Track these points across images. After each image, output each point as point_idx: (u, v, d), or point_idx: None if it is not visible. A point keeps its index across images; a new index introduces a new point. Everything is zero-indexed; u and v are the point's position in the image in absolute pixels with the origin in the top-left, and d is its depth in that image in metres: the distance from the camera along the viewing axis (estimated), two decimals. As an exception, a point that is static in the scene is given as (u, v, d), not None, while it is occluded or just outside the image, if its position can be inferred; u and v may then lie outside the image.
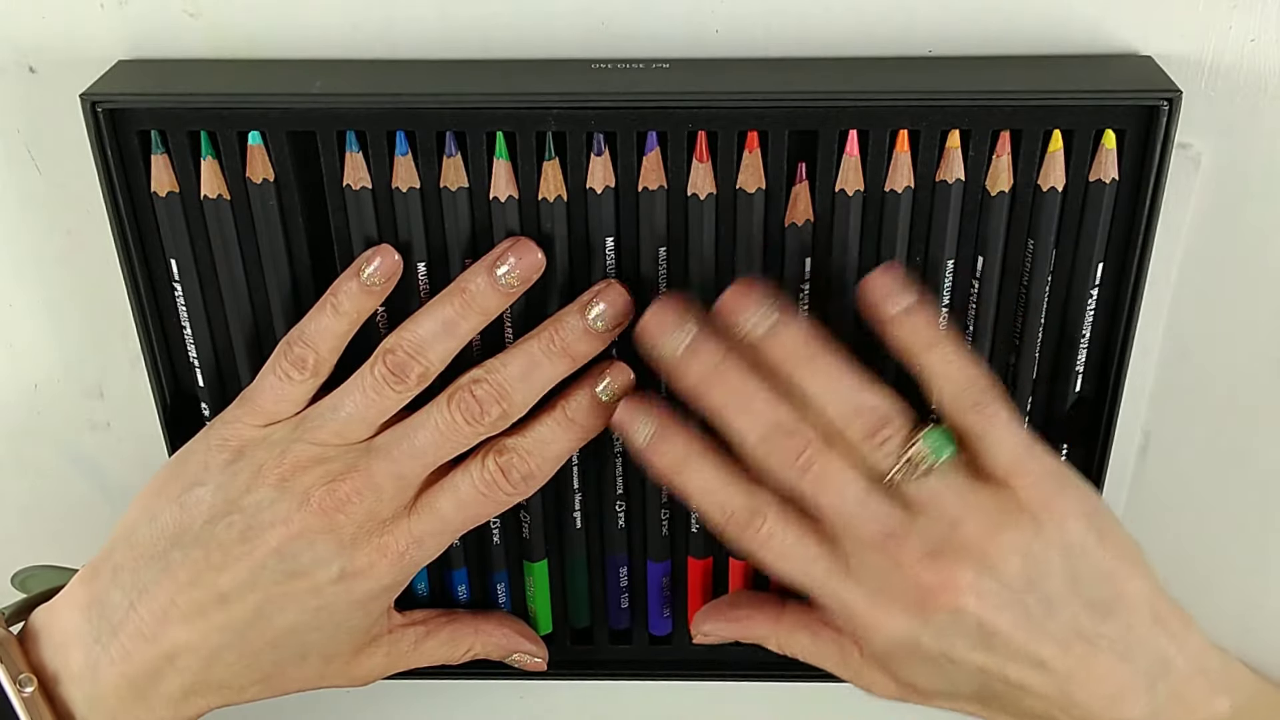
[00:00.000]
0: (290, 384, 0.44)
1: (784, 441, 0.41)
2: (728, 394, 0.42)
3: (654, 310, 0.42)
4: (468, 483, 0.44)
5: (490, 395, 0.43)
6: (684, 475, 0.43)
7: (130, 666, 0.44)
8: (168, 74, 0.44)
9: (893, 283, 0.42)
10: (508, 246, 0.43)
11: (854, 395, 0.41)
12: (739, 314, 0.41)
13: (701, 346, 0.41)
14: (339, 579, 0.44)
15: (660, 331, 0.42)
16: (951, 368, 0.41)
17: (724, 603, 0.51)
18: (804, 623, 0.48)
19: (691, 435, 0.43)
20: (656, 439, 0.43)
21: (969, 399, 0.41)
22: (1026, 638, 0.42)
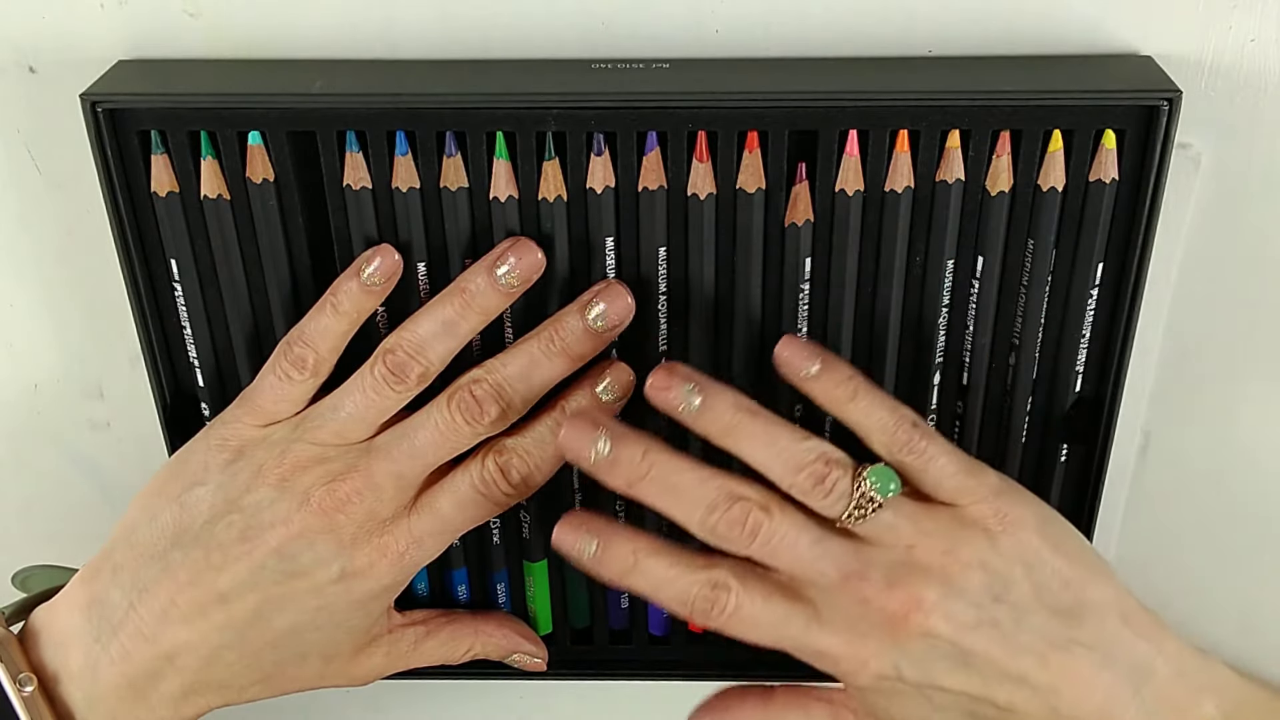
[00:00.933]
0: (290, 384, 0.44)
1: (725, 516, 0.41)
2: (658, 488, 0.42)
3: (568, 430, 0.42)
4: (467, 483, 0.44)
5: (490, 395, 0.43)
6: (636, 578, 0.43)
7: (130, 666, 0.44)
8: (168, 74, 0.44)
9: (798, 350, 0.42)
10: (508, 246, 0.43)
11: (792, 450, 0.42)
12: (664, 401, 0.42)
13: (621, 449, 0.42)
14: (339, 579, 0.44)
15: (579, 443, 0.42)
16: (873, 417, 0.42)
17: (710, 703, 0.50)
18: (794, 701, 0.48)
19: (635, 537, 0.43)
20: (600, 553, 0.43)
21: (898, 442, 0.42)
22: (1003, 653, 0.42)
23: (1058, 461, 0.48)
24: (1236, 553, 0.54)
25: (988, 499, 0.43)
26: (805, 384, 0.42)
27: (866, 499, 0.42)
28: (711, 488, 0.42)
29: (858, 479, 0.42)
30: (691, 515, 0.42)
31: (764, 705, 0.48)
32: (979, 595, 0.42)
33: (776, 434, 0.42)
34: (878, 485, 0.42)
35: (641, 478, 0.42)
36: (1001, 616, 0.42)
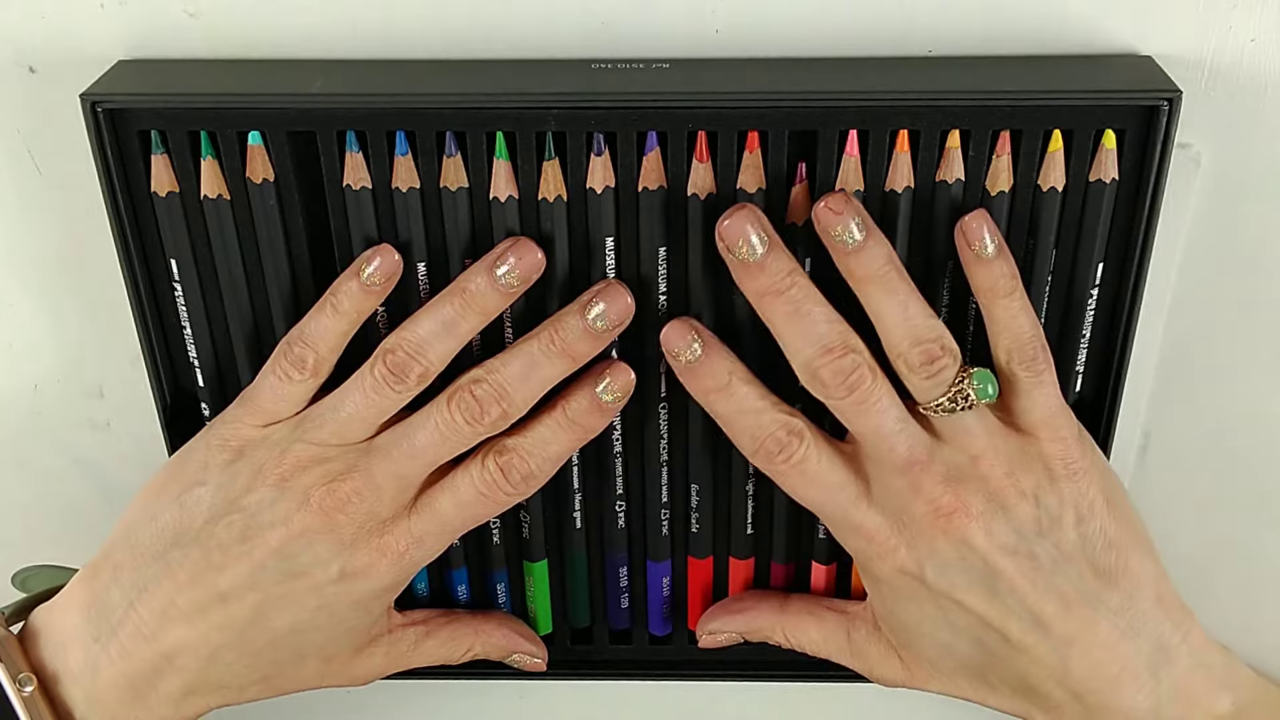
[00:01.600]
0: (290, 384, 0.44)
1: (835, 360, 0.42)
2: (790, 306, 0.42)
3: (733, 216, 0.42)
4: (468, 483, 0.44)
5: (490, 395, 0.43)
6: (723, 397, 0.44)
7: (130, 666, 0.44)
8: (168, 74, 0.44)
9: (985, 225, 0.42)
10: (508, 246, 0.43)
11: (919, 323, 0.42)
12: (830, 224, 0.41)
13: (773, 256, 0.41)
14: (339, 579, 0.44)
15: (737, 236, 0.41)
16: (1017, 321, 0.42)
17: (727, 601, 0.51)
18: (808, 609, 0.49)
19: (735, 359, 0.44)
20: (701, 360, 0.43)
21: (1025, 354, 0.42)
22: (1030, 587, 0.42)
23: (1058, 461, 0.48)
24: (1237, 552, 0.54)
25: (1065, 440, 0.43)
26: (976, 262, 0.42)
27: (962, 395, 0.42)
28: (835, 330, 0.42)
29: (962, 373, 0.42)
30: (806, 347, 0.42)
31: (780, 609, 0.50)
32: (1025, 524, 0.42)
33: (912, 300, 0.42)
34: (978, 386, 0.42)
35: (780, 292, 0.42)
36: (1040, 552, 0.42)
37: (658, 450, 0.48)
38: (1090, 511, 0.43)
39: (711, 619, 0.51)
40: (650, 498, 0.50)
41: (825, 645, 0.49)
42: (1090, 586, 0.43)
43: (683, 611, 0.53)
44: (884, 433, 0.42)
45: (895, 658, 0.47)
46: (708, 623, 0.51)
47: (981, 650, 0.44)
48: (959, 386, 0.42)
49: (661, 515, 0.50)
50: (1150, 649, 0.43)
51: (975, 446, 0.43)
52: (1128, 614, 0.43)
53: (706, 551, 0.51)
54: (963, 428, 0.43)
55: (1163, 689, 0.43)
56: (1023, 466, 0.43)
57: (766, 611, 0.50)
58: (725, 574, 0.52)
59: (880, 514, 0.44)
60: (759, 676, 0.54)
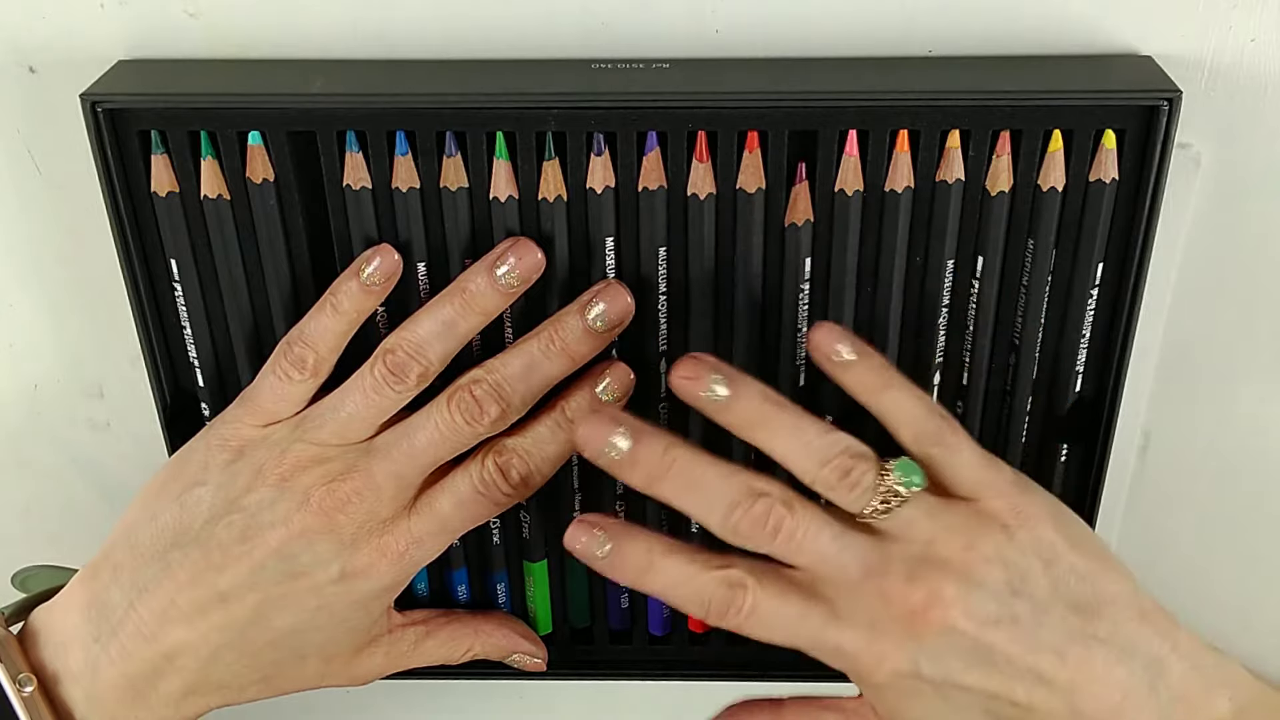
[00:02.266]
0: (290, 384, 0.44)
1: (748, 514, 0.41)
2: (679, 485, 0.41)
3: (587, 426, 0.41)
4: (467, 483, 0.44)
5: (490, 395, 0.43)
6: (652, 578, 0.42)
7: (130, 666, 0.44)
8: (168, 74, 0.44)
9: (834, 336, 0.42)
10: (508, 246, 0.43)
11: (818, 444, 0.41)
12: (692, 391, 0.41)
13: (642, 447, 0.41)
14: (339, 579, 0.44)
15: (596, 441, 0.41)
16: (905, 407, 0.42)
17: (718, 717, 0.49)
18: (806, 712, 0.48)
19: (649, 536, 0.42)
20: (614, 554, 0.42)
21: (929, 435, 0.42)
22: (1022, 650, 0.42)
23: (1058, 461, 0.48)
24: (1236, 552, 0.54)
25: (1005, 494, 0.42)
26: (837, 370, 0.42)
27: (891, 493, 0.41)
28: (734, 484, 0.41)
29: (882, 473, 0.41)
30: (713, 513, 0.41)
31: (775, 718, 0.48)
32: (999, 590, 0.42)
33: (803, 427, 0.41)
34: (903, 479, 0.41)
35: (662, 476, 0.41)
36: (1021, 612, 0.42)
37: (658, 450, 0.48)
38: (1053, 554, 0.42)
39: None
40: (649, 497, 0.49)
41: None
42: (1075, 626, 0.42)
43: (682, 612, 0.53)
44: (827, 558, 0.41)
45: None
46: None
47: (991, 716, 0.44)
48: (886, 486, 0.41)
49: (661, 515, 0.50)
50: (1143, 666, 0.42)
51: (924, 533, 0.42)
52: (1116, 639, 0.42)
53: (706, 551, 0.51)
54: (905, 521, 0.42)
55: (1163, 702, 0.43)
56: (977, 534, 0.42)
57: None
58: (725, 574, 0.52)
59: (854, 629, 0.42)
60: (759, 677, 0.54)
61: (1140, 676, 0.42)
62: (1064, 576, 0.42)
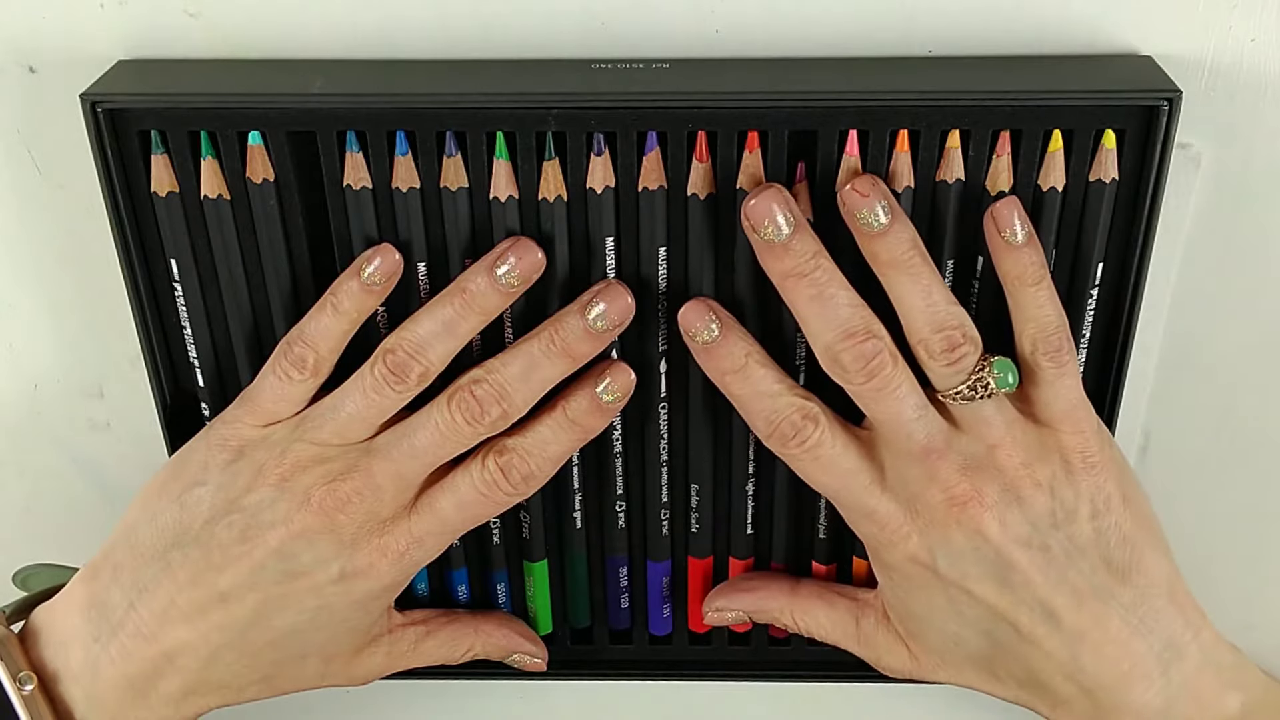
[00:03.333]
0: (290, 384, 0.44)
1: (857, 345, 0.41)
2: (814, 289, 0.42)
3: (760, 196, 0.41)
4: (468, 483, 0.44)
5: (490, 395, 0.43)
6: (739, 379, 0.43)
7: (130, 666, 0.44)
8: (168, 74, 0.44)
9: (1014, 214, 0.42)
10: (508, 246, 0.43)
11: (941, 309, 0.41)
12: (856, 206, 0.41)
13: (799, 238, 0.41)
14: (339, 579, 0.44)
15: (763, 217, 0.41)
16: (1043, 310, 0.42)
17: (736, 580, 0.51)
18: (818, 593, 0.49)
19: (752, 341, 0.44)
20: (719, 341, 0.43)
21: (1050, 345, 0.42)
22: (1043, 579, 0.42)
23: (1058, 461, 0.48)
24: (1237, 552, 0.54)
25: (1084, 434, 0.43)
26: (1004, 249, 0.42)
27: (981, 383, 0.42)
28: (858, 315, 0.42)
29: (982, 361, 0.42)
30: (827, 330, 0.42)
31: (791, 591, 0.49)
32: (1039, 516, 0.42)
33: (935, 287, 0.42)
34: (998, 375, 0.42)
35: (803, 274, 0.41)
36: (1054, 545, 0.42)
37: (658, 450, 0.48)
38: (1106, 506, 0.43)
39: (719, 596, 0.50)
40: (650, 498, 0.50)
41: (833, 631, 0.49)
42: (1103, 581, 0.43)
43: (682, 611, 0.53)
44: (902, 419, 0.42)
45: (903, 647, 0.47)
46: (714, 600, 0.50)
47: (990, 642, 0.44)
48: (979, 375, 0.42)
49: (661, 515, 0.50)
50: (1161, 646, 0.43)
51: (993, 436, 0.43)
52: (1139, 610, 0.43)
53: (706, 551, 0.51)
54: (981, 417, 0.42)
55: (1173, 687, 0.43)
56: (1040, 458, 0.43)
57: (776, 592, 0.49)
58: (725, 574, 0.52)
59: (894, 501, 0.43)
60: (759, 676, 0.54)
61: (1154, 654, 0.43)
62: (1107, 531, 0.43)
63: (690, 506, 0.50)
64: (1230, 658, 0.44)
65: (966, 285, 0.45)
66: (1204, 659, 0.43)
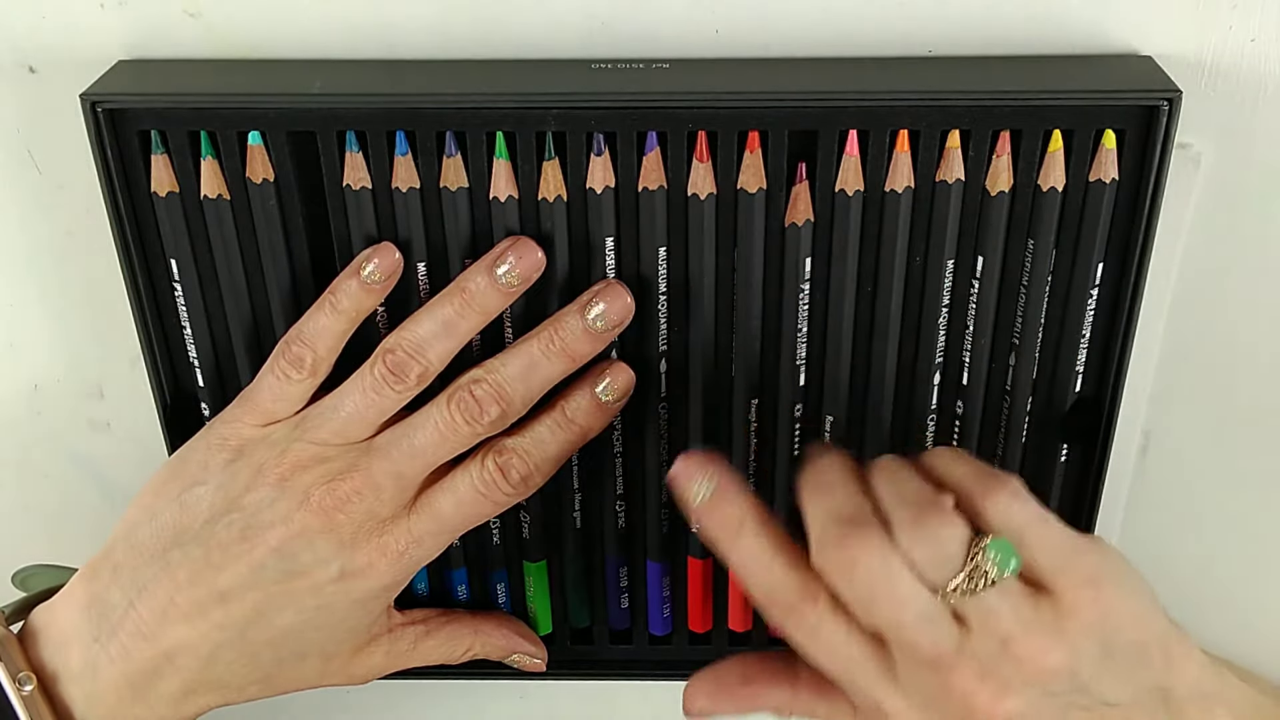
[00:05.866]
0: (289, 383, 0.44)
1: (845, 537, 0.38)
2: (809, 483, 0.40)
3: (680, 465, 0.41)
4: (467, 483, 0.44)
5: (489, 395, 0.43)
6: (736, 544, 0.41)
7: (129, 665, 0.44)
8: (168, 74, 0.44)
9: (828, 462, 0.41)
10: (507, 246, 0.43)
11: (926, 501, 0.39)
12: None
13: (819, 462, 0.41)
14: (339, 578, 0.44)
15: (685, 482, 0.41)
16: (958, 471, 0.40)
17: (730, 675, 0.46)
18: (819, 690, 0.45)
19: (751, 503, 0.41)
20: (714, 500, 0.41)
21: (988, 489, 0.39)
22: None
23: (1058, 461, 0.48)
24: (1237, 552, 0.54)
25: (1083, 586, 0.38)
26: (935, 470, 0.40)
27: (980, 572, 0.38)
28: (850, 506, 0.39)
29: (974, 547, 0.38)
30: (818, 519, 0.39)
31: (791, 688, 0.45)
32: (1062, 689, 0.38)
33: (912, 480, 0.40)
34: (998, 559, 0.38)
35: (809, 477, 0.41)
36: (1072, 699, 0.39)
37: (658, 450, 0.48)
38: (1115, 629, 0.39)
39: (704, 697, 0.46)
40: (650, 498, 0.50)
41: None
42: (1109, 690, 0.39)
43: (682, 612, 0.53)
44: (903, 623, 0.38)
45: None
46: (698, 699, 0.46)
47: None
48: (974, 563, 0.38)
49: (661, 515, 0.50)
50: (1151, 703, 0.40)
51: (1002, 630, 0.38)
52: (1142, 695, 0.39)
53: (706, 552, 0.51)
54: (988, 609, 0.38)
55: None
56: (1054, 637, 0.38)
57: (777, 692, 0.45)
58: (725, 574, 0.52)
59: (906, 699, 0.39)
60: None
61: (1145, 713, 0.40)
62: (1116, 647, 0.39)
63: (690, 506, 0.50)
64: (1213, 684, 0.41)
65: (966, 285, 0.45)
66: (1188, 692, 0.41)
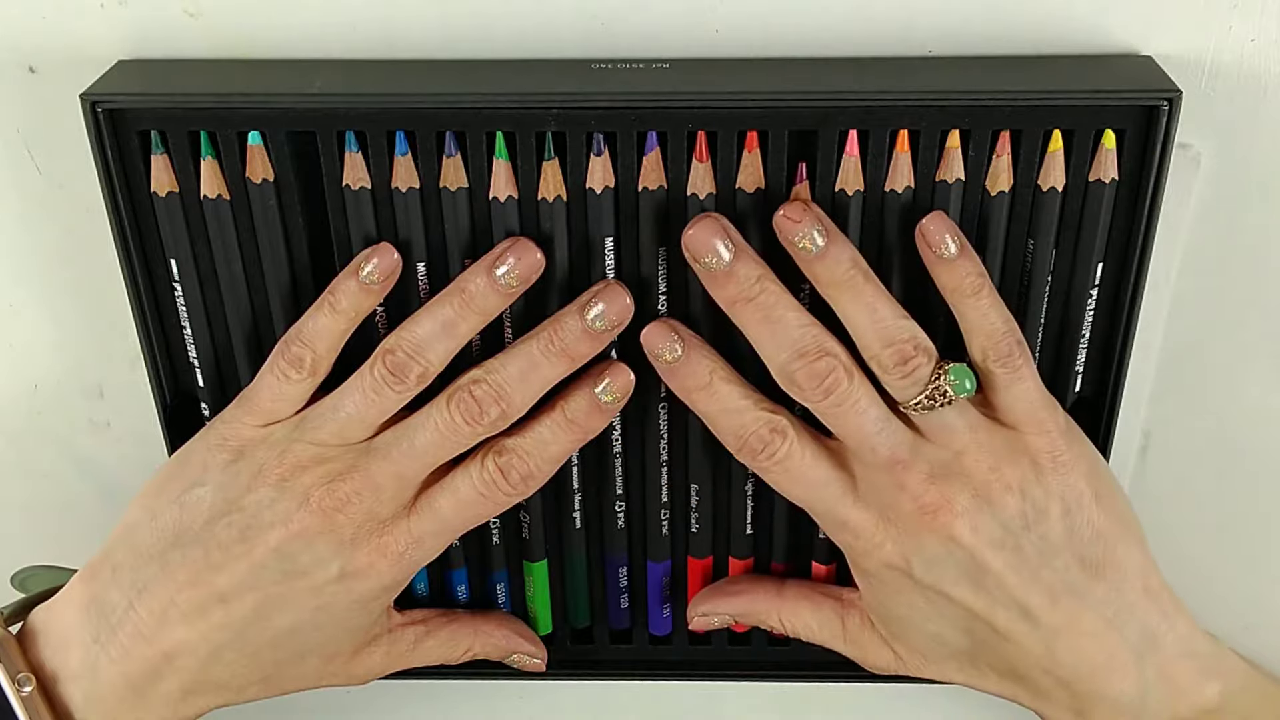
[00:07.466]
0: (288, 383, 0.44)
1: (810, 364, 0.42)
2: (761, 312, 0.42)
3: (697, 226, 0.42)
4: (467, 483, 0.44)
5: (489, 396, 0.43)
6: (706, 396, 0.44)
7: (129, 666, 0.44)
8: (168, 74, 0.44)
9: (945, 227, 0.42)
10: (507, 246, 0.43)
11: (889, 324, 0.42)
12: (790, 233, 0.41)
13: (741, 263, 0.42)
14: (338, 579, 0.44)
15: (702, 247, 0.42)
16: (988, 318, 0.42)
17: (722, 583, 0.51)
18: (804, 594, 0.49)
19: (717, 360, 0.44)
20: (683, 360, 0.43)
21: (1000, 351, 0.42)
22: (1016, 580, 0.43)
23: (1058, 461, 0.48)
24: (1237, 552, 0.54)
25: (1050, 434, 0.43)
26: (938, 264, 0.42)
27: (940, 391, 0.42)
28: (808, 334, 0.42)
29: (937, 370, 0.42)
30: (779, 352, 0.42)
31: (777, 594, 0.50)
32: (1011, 518, 0.43)
33: (880, 302, 0.42)
34: (955, 382, 0.42)
35: (749, 299, 0.42)
36: (1026, 545, 0.43)
37: (658, 450, 0.48)
38: (1077, 504, 0.43)
39: (705, 600, 0.51)
40: (650, 498, 0.50)
41: (820, 631, 0.49)
42: (1076, 578, 0.43)
43: (682, 612, 0.53)
44: (865, 433, 0.43)
45: (887, 647, 0.47)
46: (700, 604, 0.51)
47: (970, 639, 0.44)
48: (936, 384, 0.42)
49: (661, 515, 0.50)
50: (1136, 638, 0.43)
51: (958, 443, 0.43)
52: (1114, 604, 0.43)
53: (706, 551, 0.51)
54: (944, 424, 0.43)
55: (1148, 676, 0.43)
56: (1008, 460, 0.43)
57: (763, 595, 0.50)
58: (725, 574, 0.52)
59: (866, 510, 0.44)
60: (759, 676, 0.54)
61: (1129, 645, 0.43)
62: (1080, 528, 0.43)
63: (690, 506, 0.50)
64: (1208, 647, 0.45)
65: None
66: (1180, 648, 0.44)
